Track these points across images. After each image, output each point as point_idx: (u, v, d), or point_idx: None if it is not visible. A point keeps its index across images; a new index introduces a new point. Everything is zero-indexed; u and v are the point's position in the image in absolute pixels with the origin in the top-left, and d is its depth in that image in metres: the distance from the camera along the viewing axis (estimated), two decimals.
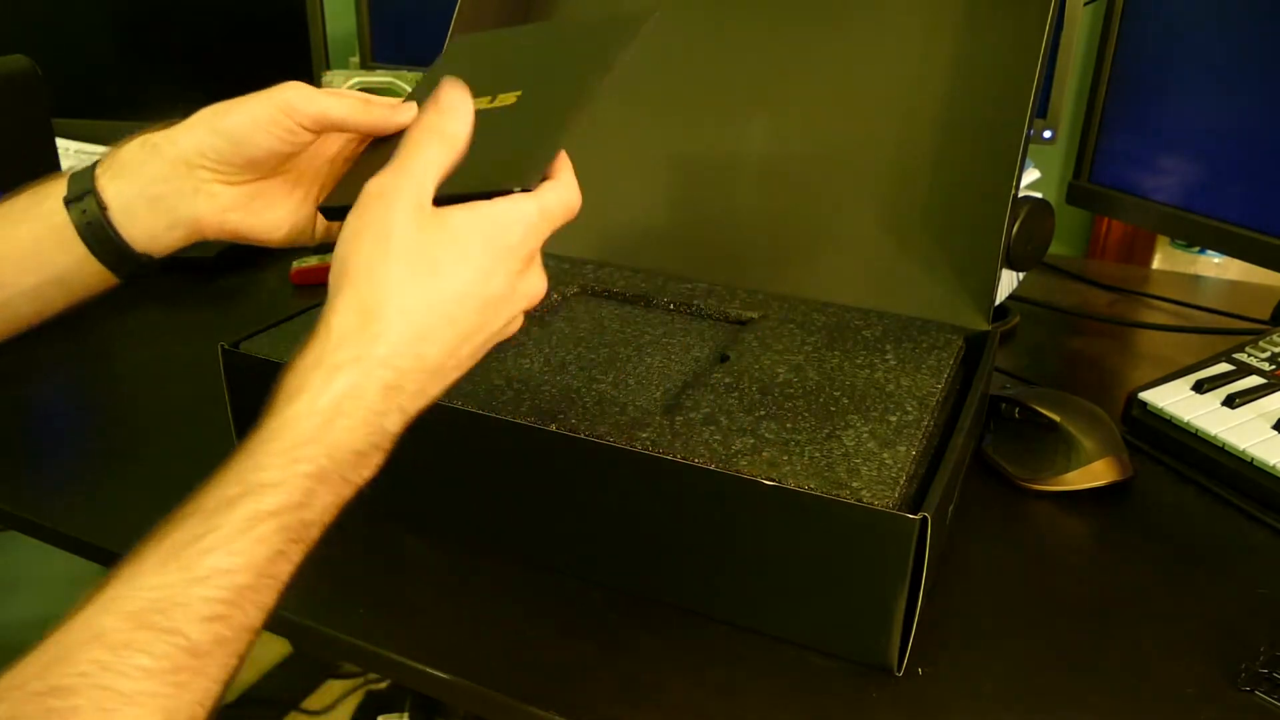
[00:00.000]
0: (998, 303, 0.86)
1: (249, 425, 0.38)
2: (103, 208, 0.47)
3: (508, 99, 0.47)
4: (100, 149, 1.21)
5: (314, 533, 0.38)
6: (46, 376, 0.78)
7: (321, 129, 0.47)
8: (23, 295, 0.48)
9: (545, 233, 0.42)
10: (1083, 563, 0.57)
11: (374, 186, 0.41)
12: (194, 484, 0.37)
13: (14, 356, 0.80)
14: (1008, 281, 0.88)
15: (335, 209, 0.46)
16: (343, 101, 0.47)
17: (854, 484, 0.47)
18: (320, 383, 0.38)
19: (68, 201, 0.47)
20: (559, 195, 0.43)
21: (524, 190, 0.42)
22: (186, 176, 0.47)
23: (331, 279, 0.40)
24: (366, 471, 0.39)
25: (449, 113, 0.42)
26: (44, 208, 0.47)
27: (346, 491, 0.39)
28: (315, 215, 0.51)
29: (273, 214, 0.50)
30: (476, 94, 0.45)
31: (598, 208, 0.77)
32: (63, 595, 1.43)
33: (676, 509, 0.49)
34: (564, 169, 0.44)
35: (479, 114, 0.44)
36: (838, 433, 0.52)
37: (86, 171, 0.48)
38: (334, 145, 0.51)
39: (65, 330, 0.50)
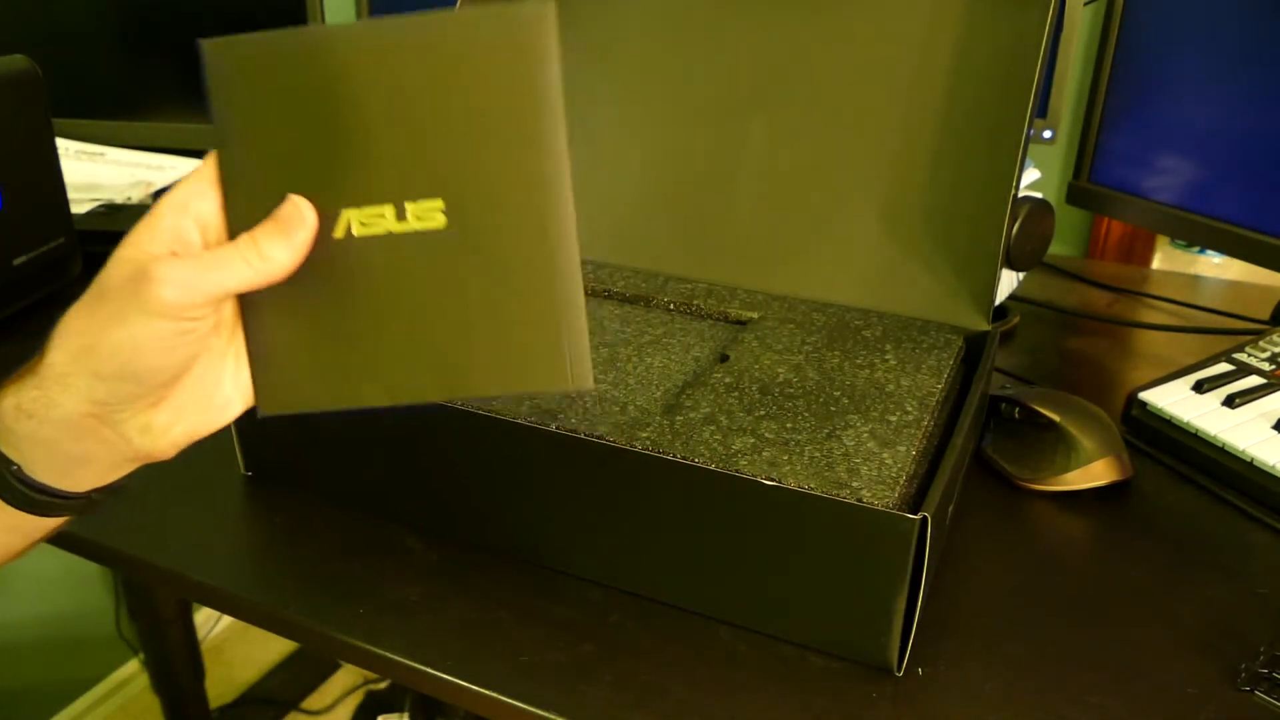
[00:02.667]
0: (998, 303, 0.86)
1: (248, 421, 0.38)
2: (13, 469, 0.39)
3: (428, 212, 0.36)
4: (100, 148, 1.22)
5: None
6: None
7: (217, 307, 0.38)
8: None
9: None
10: (1083, 563, 0.57)
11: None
12: (192, 481, 0.37)
13: (13, 356, 0.79)
14: (1008, 281, 0.88)
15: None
16: (228, 272, 0.36)
17: (854, 484, 0.47)
18: None
19: None
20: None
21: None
22: (102, 430, 0.38)
23: None
24: None
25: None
26: None
27: None
28: None
29: (220, 397, 0.40)
30: (360, 200, 0.36)
31: (598, 208, 0.77)
32: (63, 595, 1.43)
33: (676, 509, 0.49)
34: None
35: (389, 241, 0.36)
36: (838, 433, 0.52)
37: None
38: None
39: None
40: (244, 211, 0.37)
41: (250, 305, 0.38)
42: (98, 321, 0.36)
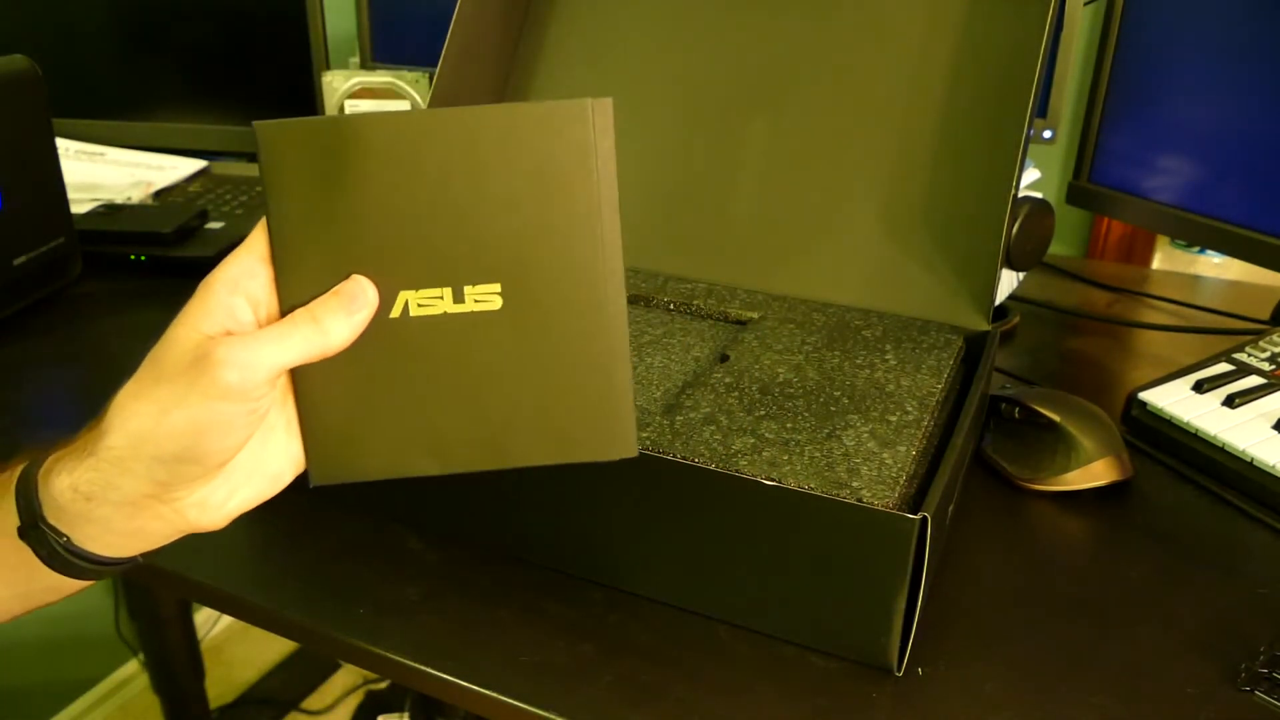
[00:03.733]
0: (998, 303, 0.86)
1: None
2: (63, 541, 0.38)
3: (485, 295, 0.37)
4: (100, 148, 1.22)
5: None
6: (46, 376, 0.78)
7: (276, 383, 0.37)
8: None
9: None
10: (1083, 563, 0.57)
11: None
12: None
13: (13, 356, 0.80)
14: (1008, 281, 0.88)
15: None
16: (288, 345, 0.36)
17: (854, 484, 0.47)
18: None
19: (38, 554, 0.38)
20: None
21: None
22: (159, 508, 0.38)
23: None
24: None
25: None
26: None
27: None
28: None
29: (274, 466, 0.40)
30: (419, 283, 0.37)
31: None
32: None
33: (676, 509, 0.49)
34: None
35: (445, 321, 0.37)
36: (838, 433, 0.52)
37: (33, 531, 0.38)
38: None
39: (65, 330, 0.50)
40: (300, 289, 0.37)
41: (303, 376, 0.39)
42: (159, 405, 0.36)
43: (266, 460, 0.39)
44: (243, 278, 0.37)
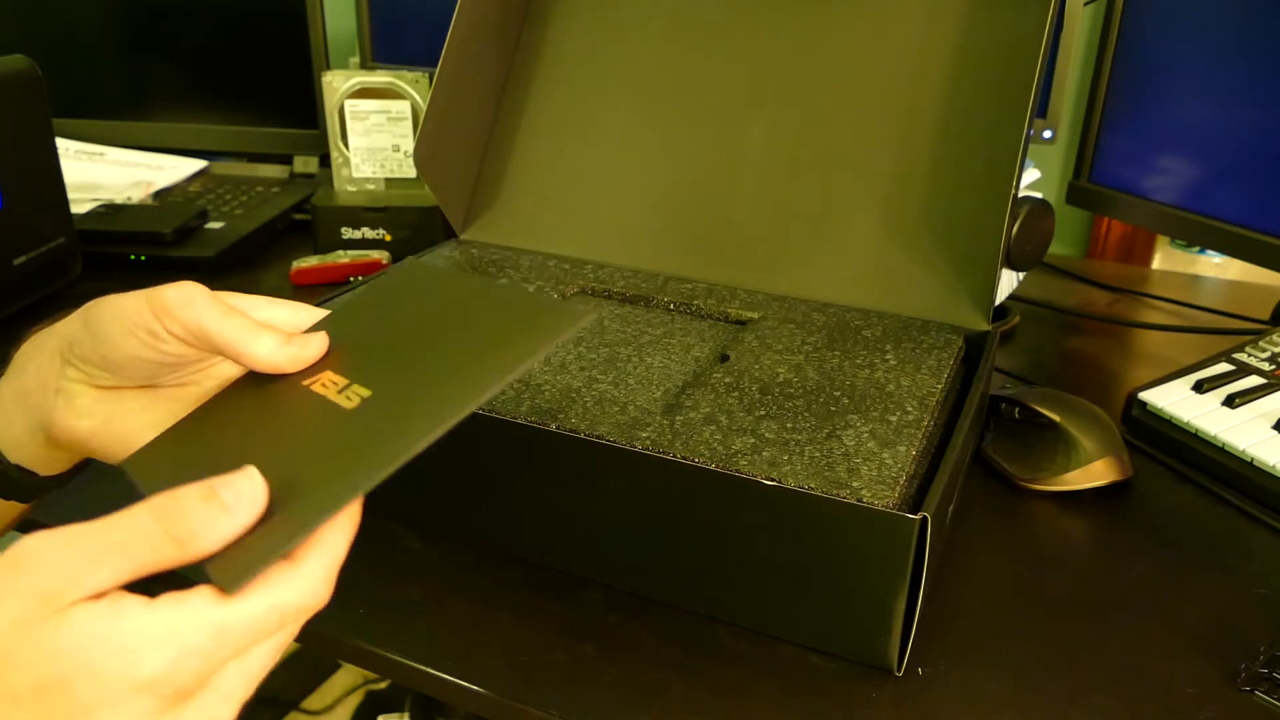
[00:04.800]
0: (998, 303, 0.86)
1: None
2: None
3: (354, 396, 0.37)
4: (100, 148, 1.22)
5: None
6: None
7: (198, 343, 0.38)
8: None
9: (218, 658, 0.30)
10: (1083, 563, 0.57)
11: (21, 552, 0.29)
12: None
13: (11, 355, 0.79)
14: (1008, 281, 0.88)
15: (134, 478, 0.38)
16: (229, 321, 0.38)
17: (854, 484, 0.47)
18: None
19: None
20: (266, 606, 0.30)
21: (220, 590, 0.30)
22: (54, 372, 0.41)
23: None
24: None
25: (186, 517, 0.30)
26: None
27: None
28: None
29: (127, 429, 0.41)
30: (335, 367, 0.39)
31: (598, 208, 0.77)
32: None
33: (676, 509, 0.49)
34: (314, 554, 0.32)
35: (322, 405, 0.37)
36: (838, 432, 0.52)
37: None
38: (230, 370, 0.42)
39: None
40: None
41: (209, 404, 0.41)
42: (123, 295, 0.39)
43: (128, 423, 0.41)
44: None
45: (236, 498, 0.30)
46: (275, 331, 0.39)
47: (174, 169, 1.19)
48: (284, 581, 0.31)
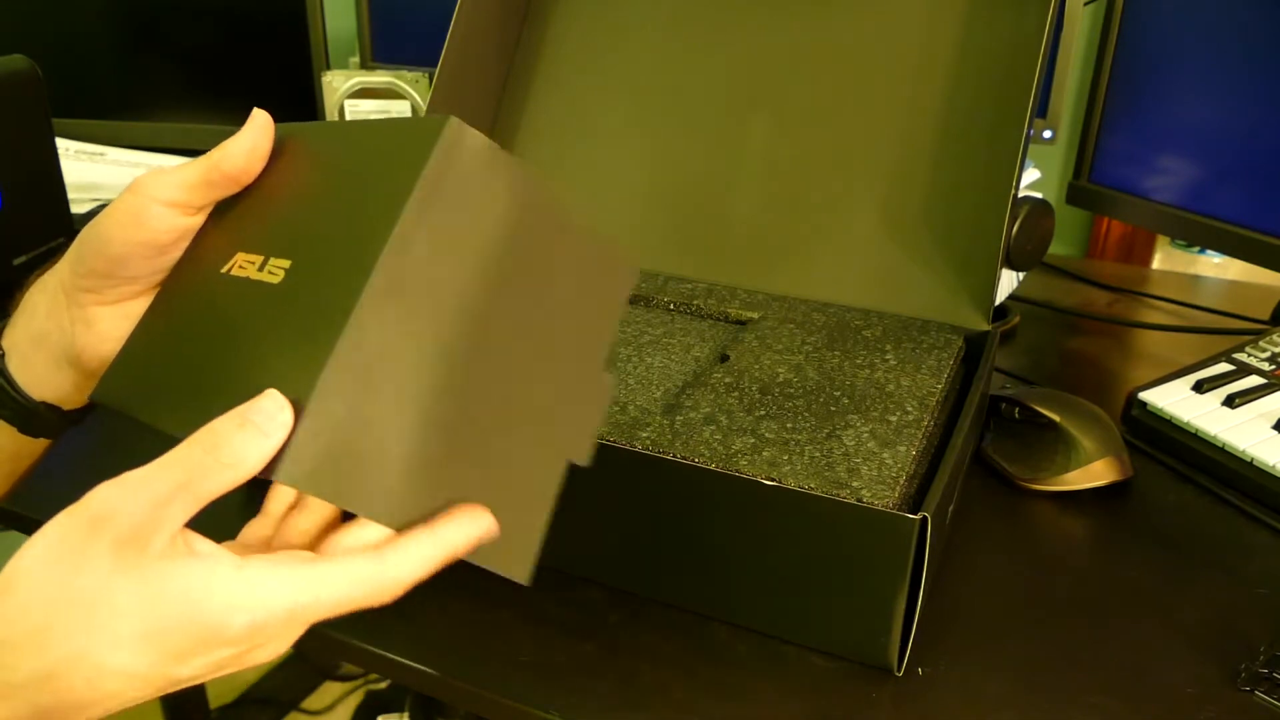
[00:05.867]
0: (998, 303, 0.86)
1: None
2: (1, 355, 0.43)
3: (276, 268, 0.37)
4: (100, 148, 1.22)
5: None
6: None
7: (187, 203, 0.40)
8: None
9: (294, 625, 0.33)
10: (1083, 563, 0.57)
11: (97, 506, 0.31)
12: None
13: None
14: (1008, 281, 0.88)
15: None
16: (190, 165, 0.40)
17: (854, 484, 0.47)
18: None
19: None
20: (349, 581, 0.33)
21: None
22: (66, 305, 0.42)
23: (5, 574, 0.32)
24: None
25: (230, 444, 0.32)
26: None
27: None
28: None
29: None
30: (245, 247, 0.38)
31: (598, 207, 0.77)
32: None
33: (676, 509, 0.49)
34: (412, 550, 0.35)
35: (242, 285, 0.37)
36: (838, 432, 0.52)
37: None
38: None
39: None
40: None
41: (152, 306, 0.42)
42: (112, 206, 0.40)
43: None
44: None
45: (267, 419, 0.32)
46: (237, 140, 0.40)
47: None
48: (368, 567, 0.34)
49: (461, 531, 0.36)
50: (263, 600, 0.32)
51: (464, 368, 0.35)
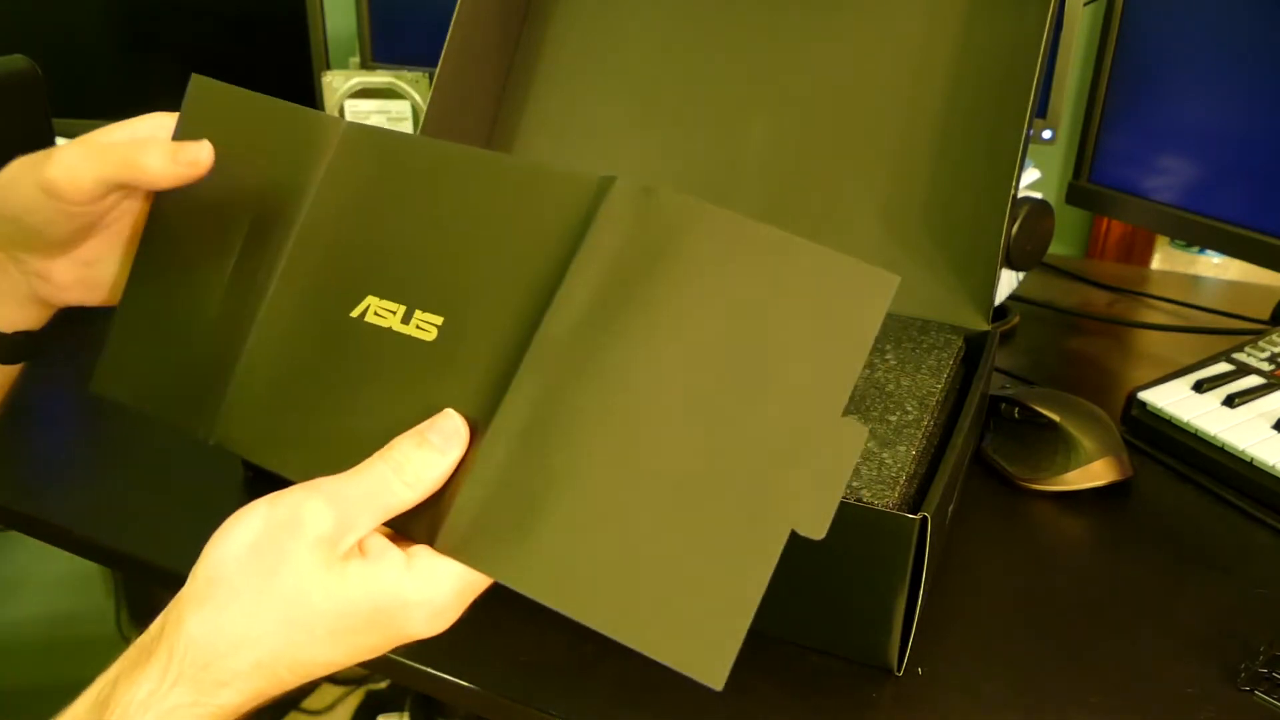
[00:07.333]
0: (998, 303, 0.86)
1: None
2: None
3: (427, 324, 0.37)
4: None
5: None
6: (45, 375, 0.78)
7: (106, 192, 0.41)
8: None
9: (457, 613, 0.37)
10: (1083, 563, 0.57)
11: (298, 508, 0.34)
12: (193, 482, 0.37)
13: None
14: (1008, 281, 0.88)
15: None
16: (109, 155, 0.40)
17: (854, 484, 0.47)
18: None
19: None
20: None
21: None
22: (16, 270, 0.45)
23: (198, 578, 0.34)
24: None
25: (426, 454, 0.35)
26: None
27: None
28: None
29: (106, 274, 0.46)
30: (374, 290, 0.38)
31: None
32: (63, 595, 1.43)
33: None
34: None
35: (386, 335, 0.37)
36: None
37: None
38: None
39: (63, 327, 0.50)
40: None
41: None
42: (9, 176, 0.42)
43: (109, 270, 0.45)
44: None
45: (445, 439, 0.35)
46: (159, 144, 0.41)
47: None
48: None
49: None
50: (438, 591, 0.35)
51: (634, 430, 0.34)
